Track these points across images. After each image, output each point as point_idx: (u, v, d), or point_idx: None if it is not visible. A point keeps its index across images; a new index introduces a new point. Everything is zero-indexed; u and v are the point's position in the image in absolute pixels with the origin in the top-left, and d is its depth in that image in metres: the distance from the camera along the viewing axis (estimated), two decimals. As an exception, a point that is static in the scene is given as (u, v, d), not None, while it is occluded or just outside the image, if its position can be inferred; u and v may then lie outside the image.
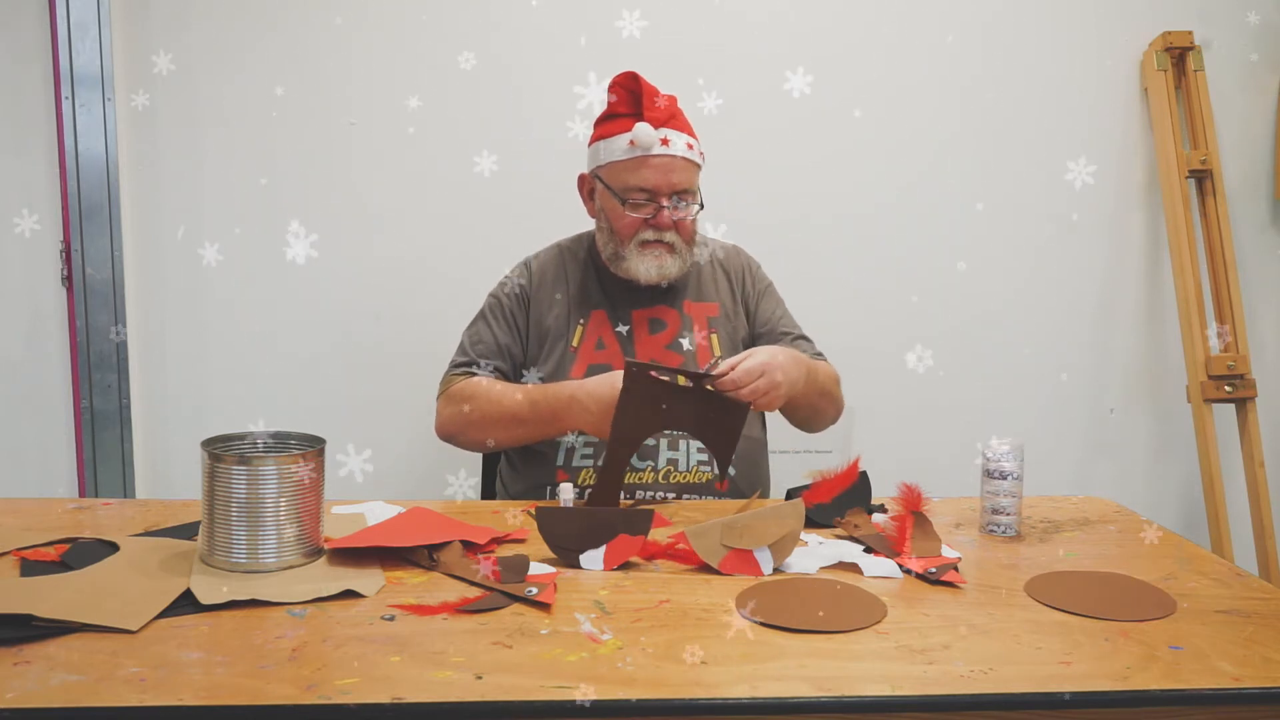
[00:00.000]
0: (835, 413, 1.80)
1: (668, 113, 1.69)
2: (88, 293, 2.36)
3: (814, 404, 1.72)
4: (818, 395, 1.70)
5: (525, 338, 1.78)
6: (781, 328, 1.83)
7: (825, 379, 1.73)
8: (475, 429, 1.67)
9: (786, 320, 1.85)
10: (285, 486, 1.22)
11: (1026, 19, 2.48)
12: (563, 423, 1.60)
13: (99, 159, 2.33)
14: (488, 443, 1.69)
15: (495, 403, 1.65)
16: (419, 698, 0.91)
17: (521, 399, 1.63)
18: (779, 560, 1.27)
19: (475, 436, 1.69)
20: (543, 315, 1.77)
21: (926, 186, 2.51)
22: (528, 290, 1.80)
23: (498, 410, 1.64)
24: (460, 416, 1.68)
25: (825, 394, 1.73)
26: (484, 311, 1.82)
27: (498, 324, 1.78)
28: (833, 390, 1.76)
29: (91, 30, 2.30)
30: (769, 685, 0.95)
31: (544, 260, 1.84)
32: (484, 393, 1.67)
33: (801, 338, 1.84)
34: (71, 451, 2.43)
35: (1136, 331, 2.60)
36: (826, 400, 1.74)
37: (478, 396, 1.67)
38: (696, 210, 1.73)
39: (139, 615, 1.07)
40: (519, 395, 1.63)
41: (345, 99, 2.39)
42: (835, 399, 1.78)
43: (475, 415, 1.66)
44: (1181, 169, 2.47)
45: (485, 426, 1.66)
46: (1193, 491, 2.61)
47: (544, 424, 1.62)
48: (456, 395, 1.70)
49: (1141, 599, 1.19)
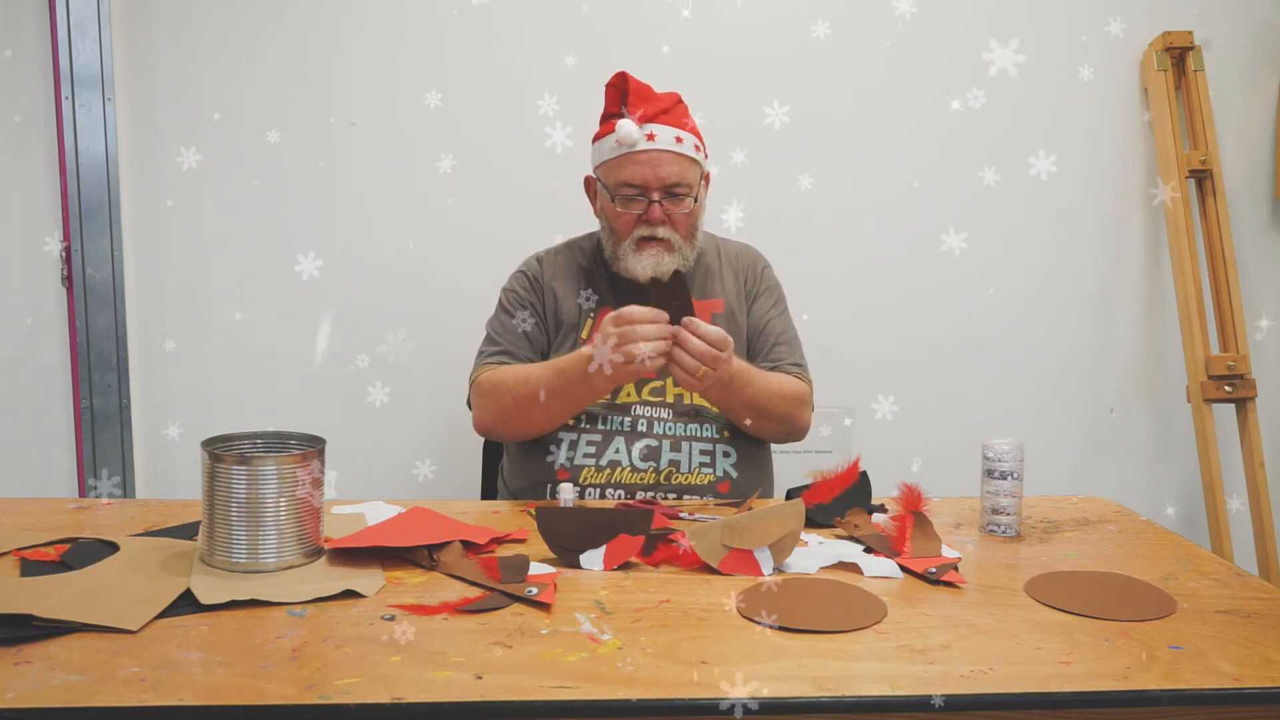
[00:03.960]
0: (781, 431, 1.74)
1: (658, 108, 1.69)
2: (88, 293, 2.36)
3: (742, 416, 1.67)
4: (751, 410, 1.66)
5: (546, 323, 1.78)
6: (770, 329, 1.80)
7: (768, 397, 1.67)
8: (513, 414, 1.66)
9: (779, 322, 1.82)
10: (285, 486, 1.22)
11: (1026, 19, 2.49)
12: (595, 378, 1.54)
13: (99, 159, 2.33)
14: (529, 425, 1.66)
15: (523, 382, 1.64)
16: (419, 698, 0.91)
17: (547, 369, 1.63)
18: (779, 560, 1.27)
19: (515, 423, 1.67)
20: (556, 304, 1.78)
21: (926, 186, 2.51)
22: (540, 279, 1.81)
23: (528, 389, 1.63)
24: (496, 407, 1.68)
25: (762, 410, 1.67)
26: (501, 304, 1.82)
27: (520, 312, 1.79)
28: (776, 406, 1.68)
29: (91, 30, 2.30)
30: (769, 685, 0.95)
31: (554, 254, 1.85)
32: (510, 376, 1.67)
33: (786, 344, 1.80)
34: (71, 451, 2.43)
35: (1136, 331, 2.60)
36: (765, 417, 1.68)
37: (504, 382, 1.67)
38: (692, 204, 1.72)
39: (139, 615, 1.07)
40: (543, 369, 1.63)
41: (346, 99, 2.39)
42: (777, 415, 1.70)
43: (509, 401, 1.65)
44: (1181, 169, 2.47)
45: (521, 408, 1.64)
46: (1193, 491, 2.61)
47: (576, 386, 1.58)
48: (486, 387, 1.70)
49: (1141, 599, 1.19)
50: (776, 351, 1.77)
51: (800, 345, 1.83)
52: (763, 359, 1.77)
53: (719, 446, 1.71)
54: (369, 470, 2.37)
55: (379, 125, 2.40)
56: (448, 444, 2.42)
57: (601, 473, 1.66)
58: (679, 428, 1.70)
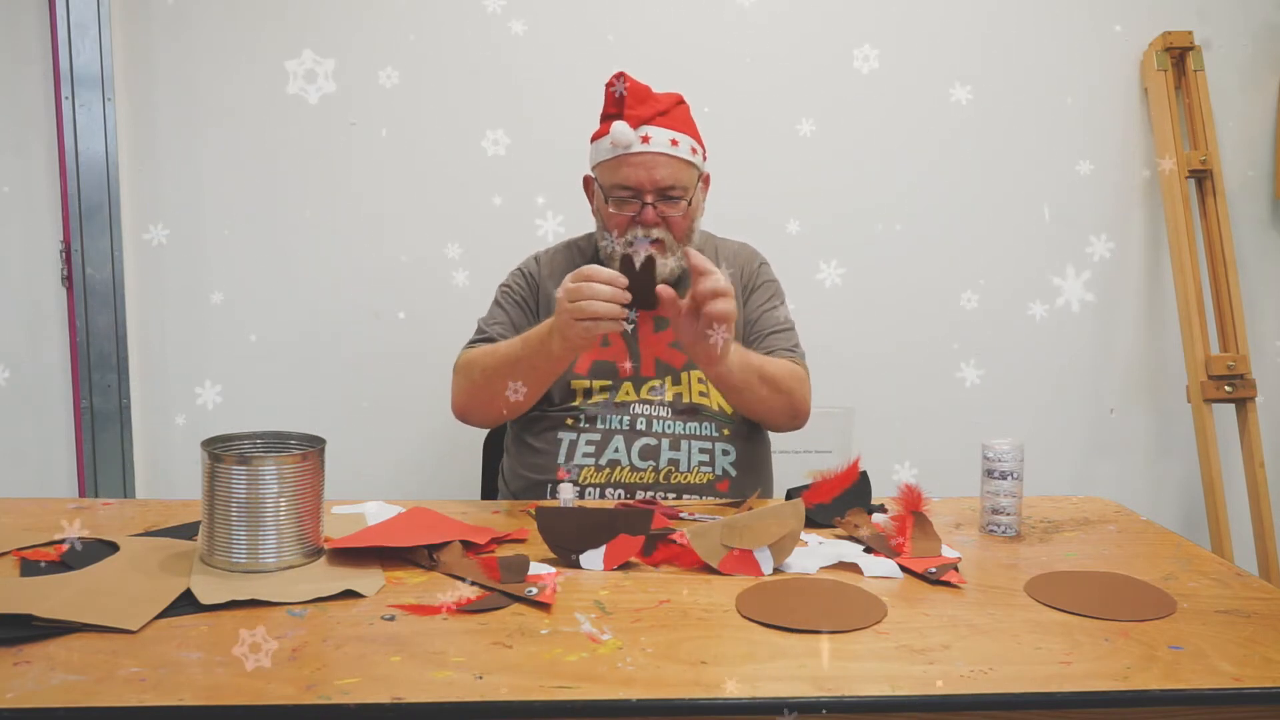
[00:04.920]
0: (785, 406, 1.69)
1: (654, 110, 1.68)
2: (88, 293, 2.36)
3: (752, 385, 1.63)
4: (757, 377, 1.63)
5: (537, 320, 1.77)
6: (765, 320, 1.79)
7: (774, 368, 1.66)
8: (481, 389, 1.65)
9: (774, 314, 1.81)
10: (285, 486, 1.22)
11: (1026, 18, 2.49)
12: (551, 342, 1.51)
13: (99, 159, 2.33)
14: (497, 401, 1.62)
15: (490, 353, 1.65)
16: (419, 698, 0.91)
17: (514, 340, 1.63)
18: (779, 560, 1.27)
19: (483, 397, 1.66)
20: (550, 303, 1.77)
21: (926, 186, 2.51)
22: (537, 278, 1.81)
23: (494, 360, 1.63)
24: (467, 384, 1.68)
25: (767, 378, 1.64)
26: (497, 299, 1.83)
27: (511, 306, 1.79)
28: (782, 379, 1.67)
29: (91, 30, 2.30)
30: (769, 685, 0.95)
31: (553, 254, 1.86)
32: (481, 354, 1.68)
33: (783, 332, 1.79)
34: (71, 451, 2.43)
35: (1136, 331, 2.60)
36: (769, 386, 1.65)
37: (475, 360, 1.68)
38: (687, 207, 1.72)
39: (139, 615, 1.07)
40: (510, 341, 1.64)
41: (346, 98, 2.39)
42: (783, 389, 1.66)
43: (478, 376, 1.66)
44: (1181, 169, 2.47)
45: (489, 382, 1.63)
46: (1193, 491, 2.61)
47: (539, 354, 1.55)
48: (461, 367, 1.71)
49: (1141, 599, 1.19)
50: (771, 339, 1.76)
51: (796, 336, 1.81)
52: (758, 347, 1.75)
53: (718, 445, 1.70)
54: (369, 470, 2.37)
55: (379, 125, 2.40)
56: (448, 444, 2.42)
57: (601, 472, 1.67)
58: (678, 426, 1.70)
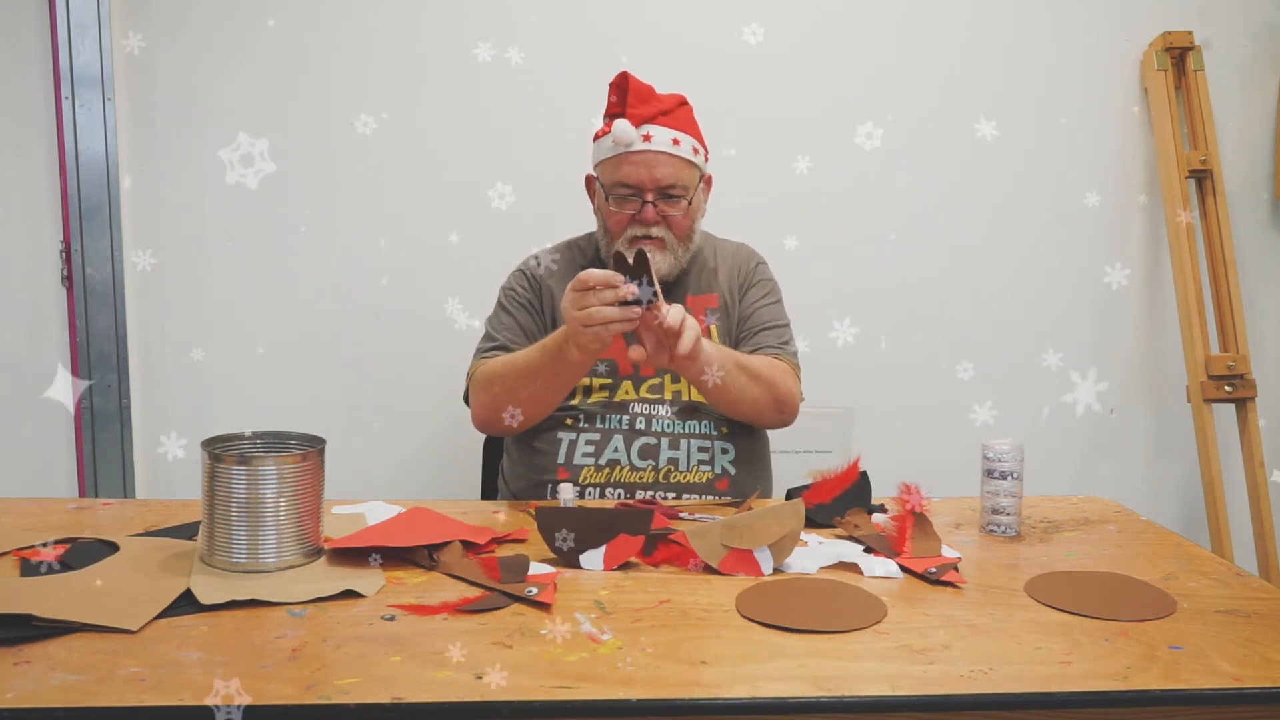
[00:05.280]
0: (769, 398, 1.67)
1: (657, 109, 1.69)
2: (88, 293, 2.36)
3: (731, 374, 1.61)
4: (734, 364, 1.61)
5: (545, 320, 1.78)
6: (758, 316, 1.79)
7: (751, 359, 1.65)
8: (502, 400, 1.65)
9: (769, 311, 1.80)
10: (285, 486, 1.22)
11: (1026, 19, 2.49)
12: (568, 350, 1.52)
13: (99, 159, 2.33)
14: (518, 413, 1.63)
15: (510, 363, 1.65)
16: (419, 698, 0.91)
17: (531, 349, 1.63)
18: (779, 560, 1.27)
19: (508, 409, 1.65)
20: (554, 303, 1.77)
21: (926, 187, 2.51)
22: (539, 278, 1.81)
23: (514, 370, 1.63)
24: (488, 397, 1.67)
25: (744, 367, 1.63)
26: (500, 302, 1.82)
27: (518, 310, 1.79)
28: (761, 369, 1.65)
29: (91, 30, 2.30)
30: (769, 685, 0.95)
31: (553, 253, 1.85)
32: (501, 364, 1.67)
33: (773, 329, 1.77)
34: (71, 451, 2.43)
35: (1136, 331, 2.61)
36: (747, 375, 1.63)
37: (495, 373, 1.67)
38: (687, 206, 1.72)
39: (139, 615, 1.07)
40: (527, 350, 1.63)
41: (346, 99, 2.39)
42: (763, 378, 1.65)
43: (499, 388, 1.65)
44: (1181, 169, 2.47)
45: (511, 393, 1.63)
46: (1193, 491, 2.61)
47: (556, 361, 1.56)
48: (479, 380, 1.70)
49: (1141, 599, 1.19)
50: (760, 336, 1.76)
51: (789, 334, 1.80)
52: (747, 343, 1.75)
53: (717, 444, 1.71)
54: (369, 470, 2.37)
55: (379, 125, 2.40)
56: (448, 444, 2.42)
57: (601, 472, 1.67)
58: (677, 425, 1.70)
